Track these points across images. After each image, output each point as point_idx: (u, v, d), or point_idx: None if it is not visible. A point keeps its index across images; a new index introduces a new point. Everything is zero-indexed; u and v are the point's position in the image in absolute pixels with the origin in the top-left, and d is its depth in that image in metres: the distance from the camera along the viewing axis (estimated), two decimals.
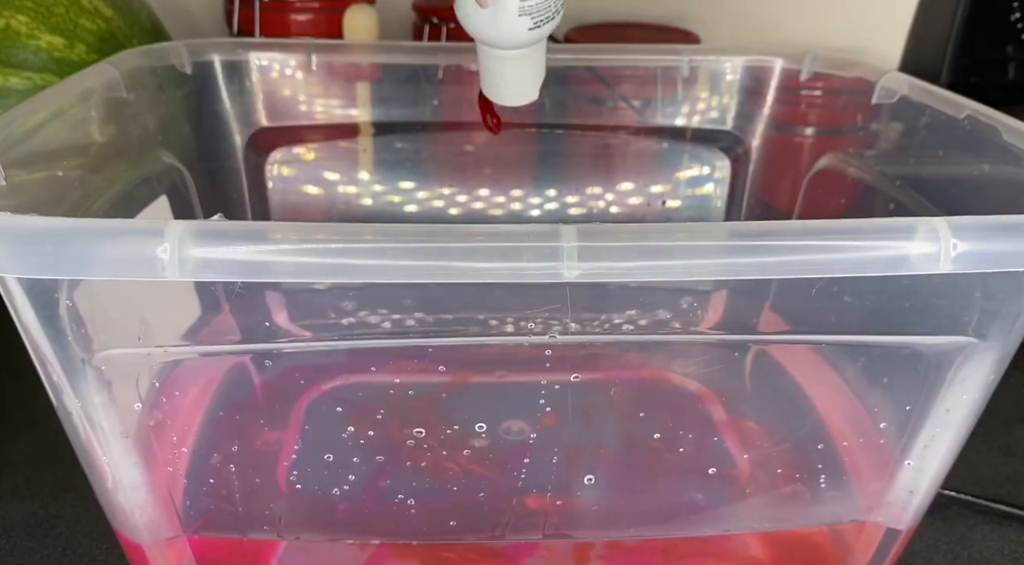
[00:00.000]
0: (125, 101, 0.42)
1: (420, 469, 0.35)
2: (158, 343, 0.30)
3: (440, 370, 0.34)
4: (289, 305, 0.39)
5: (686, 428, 0.37)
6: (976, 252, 0.26)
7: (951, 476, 0.36)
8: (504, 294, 0.29)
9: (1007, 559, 0.44)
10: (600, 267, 0.25)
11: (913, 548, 0.44)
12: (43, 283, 0.27)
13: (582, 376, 0.34)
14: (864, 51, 0.84)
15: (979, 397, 0.33)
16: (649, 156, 0.57)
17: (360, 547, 0.37)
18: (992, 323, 0.31)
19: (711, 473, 0.36)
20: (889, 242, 0.26)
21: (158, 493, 0.33)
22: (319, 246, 0.25)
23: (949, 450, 0.35)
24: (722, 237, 0.26)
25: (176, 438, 0.34)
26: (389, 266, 0.25)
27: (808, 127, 0.54)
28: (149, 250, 0.24)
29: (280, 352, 0.33)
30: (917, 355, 0.32)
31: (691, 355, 0.37)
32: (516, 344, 0.32)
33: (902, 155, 0.46)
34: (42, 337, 0.28)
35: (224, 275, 0.25)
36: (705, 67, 0.54)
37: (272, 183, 0.54)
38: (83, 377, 0.29)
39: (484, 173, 0.56)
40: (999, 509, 0.46)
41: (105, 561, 0.42)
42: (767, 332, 0.35)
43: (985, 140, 0.38)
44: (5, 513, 0.45)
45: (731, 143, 0.56)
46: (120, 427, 0.31)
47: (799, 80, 0.53)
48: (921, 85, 0.44)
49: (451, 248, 0.25)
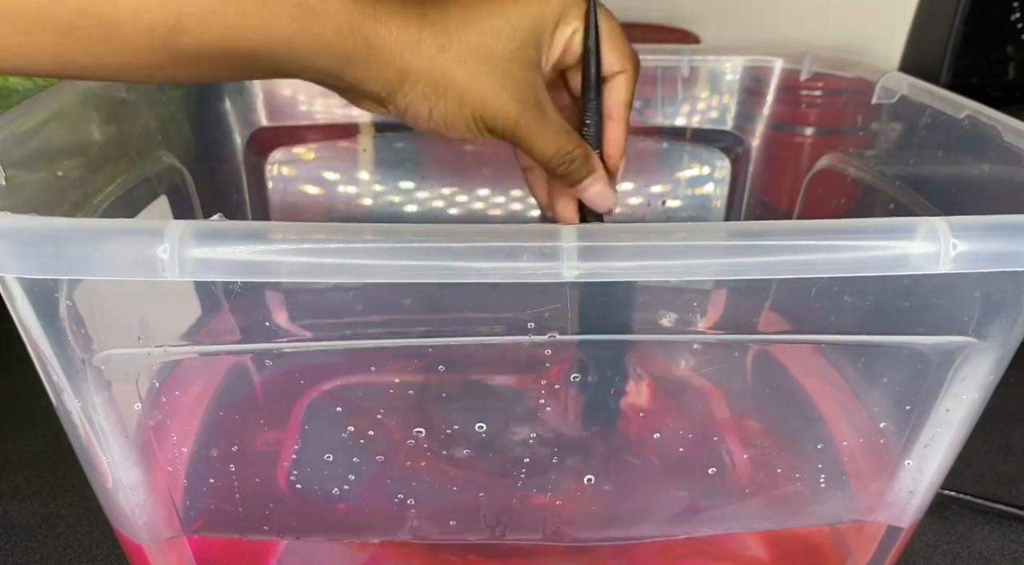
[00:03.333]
0: (125, 101, 0.42)
1: (420, 469, 0.35)
2: (158, 343, 0.30)
3: (440, 370, 0.34)
4: (289, 305, 0.39)
5: (686, 428, 0.37)
6: (976, 252, 0.26)
7: (951, 476, 0.36)
8: (504, 294, 0.29)
9: (1007, 559, 0.44)
10: (600, 267, 0.25)
11: (913, 548, 0.44)
12: (43, 283, 0.27)
13: (582, 376, 0.34)
14: (864, 51, 0.84)
15: (979, 397, 0.33)
16: (649, 156, 0.57)
17: (360, 547, 0.37)
18: (992, 323, 0.31)
19: (711, 473, 0.36)
20: (889, 242, 0.26)
21: (158, 493, 0.33)
22: (319, 246, 0.25)
23: (949, 450, 0.35)
24: (722, 237, 0.26)
25: (176, 438, 0.34)
26: (389, 266, 0.25)
27: (808, 127, 0.54)
28: (149, 250, 0.24)
29: (280, 352, 0.33)
30: (917, 355, 0.32)
31: (691, 355, 0.37)
32: (516, 344, 0.32)
33: (902, 155, 0.46)
34: (42, 337, 0.28)
35: (224, 275, 0.25)
36: (705, 67, 0.54)
37: (272, 183, 0.54)
38: (83, 377, 0.29)
39: (484, 173, 0.56)
40: (999, 509, 0.47)
41: (105, 561, 0.42)
42: (767, 332, 0.35)
43: (985, 140, 0.38)
44: (5, 513, 0.45)
45: (731, 143, 0.56)
46: (120, 427, 0.31)
47: (799, 80, 0.53)
48: (921, 85, 0.44)
49: (451, 248, 0.25)
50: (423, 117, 0.33)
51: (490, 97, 0.33)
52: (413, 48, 0.31)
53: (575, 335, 0.32)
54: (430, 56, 0.32)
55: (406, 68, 0.32)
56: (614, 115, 0.38)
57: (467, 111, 0.33)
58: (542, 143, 0.35)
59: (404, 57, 0.31)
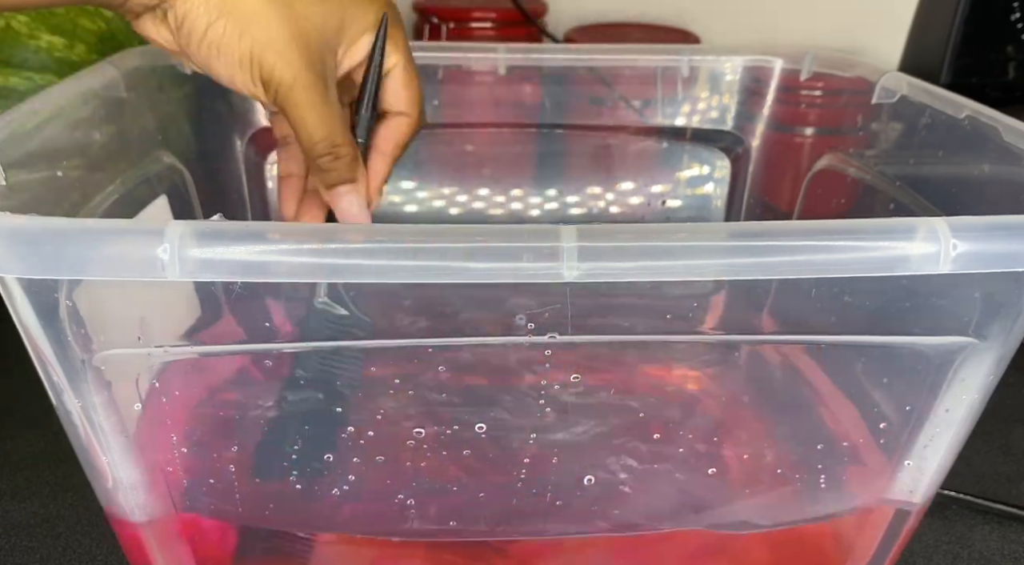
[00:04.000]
0: (125, 101, 0.42)
1: (420, 469, 0.35)
2: (158, 343, 0.30)
3: (440, 370, 0.34)
4: (289, 305, 0.39)
5: (686, 428, 0.37)
6: (976, 252, 0.26)
7: (951, 476, 0.36)
8: (504, 294, 0.29)
9: (1007, 559, 0.44)
10: (600, 267, 0.25)
11: (913, 548, 0.44)
12: (43, 283, 0.27)
13: (582, 376, 0.34)
14: (864, 51, 0.84)
15: (979, 397, 0.33)
16: (649, 156, 0.57)
17: (362, 545, 0.37)
18: (992, 323, 0.31)
19: (711, 472, 0.36)
20: (889, 242, 0.26)
21: (158, 493, 0.33)
22: (319, 246, 0.25)
23: (949, 450, 0.35)
24: (722, 237, 0.26)
25: (176, 438, 0.34)
26: (389, 266, 0.25)
27: (808, 127, 0.54)
28: (149, 250, 0.24)
29: (280, 352, 0.33)
30: (917, 355, 0.32)
31: (691, 355, 0.37)
32: (516, 344, 0.32)
33: (902, 155, 0.46)
34: (42, 337, 0.28)
35: (224, 275, 0.25)
36: (705, 67, 0.54)
37: (272, 183, 0.54)
38: (83, 377, 0.29)
39: (484, 173, 0.56)
40: (999, 509, 0.47)
41: (105, 561, 0.42)
42: (767, 332, 0.35)
43: (985, 140, 0.38)
44: (5, 513, 0.45)
45: (731, 143, 0.56)
46: (120, 427, 0.31)
47: (799, 80, 0.53)
48: (921, 85, 0.44)
49: (451, 248, 0.25)
50: (198, 31, 0.31)
51: (277, 41, 0.30)
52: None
53: (575, 335, 0.32)
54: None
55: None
56: (384, 150, 0.36)
57: (247, 43, 0.31)
58: (314, 120, 0.32)
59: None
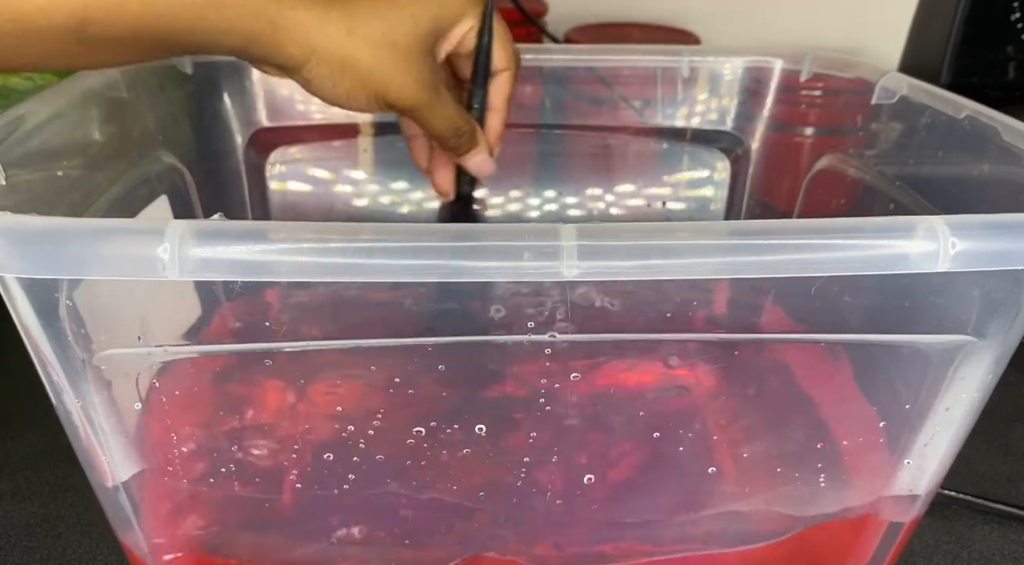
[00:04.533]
0: (125, 101, 0.42)
1: (420, 469, 0.35)
2: (158, 343, 0.30)
3: (440, 370, 0.34)
4: (289, 305, 0.39)
5: (686, 427, 0.37)
6: (975, 251, 0.26)
7: (951, 476, 0.36)
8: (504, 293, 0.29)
9: (1007, 559, 0.44)
10: (600, 266, 0.25)
11: (913, 548, 0.44)
12: (43, 283, 0.27)
13: (582, 376, 0.34)
14: (864, 51, 0.84)
15: (978, 396, 0.33)
16: (649, 157, 0.57)
17: (360, 547, 0.37)
18: (991, 322, 0.31)
19: (711, 472, 0.36)
20: (888, 241, 0.26)
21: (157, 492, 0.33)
22: (319, 246, 0.25)
23: (949, 449, 0.35)
24: (722, 236, 0.26)
25: (176, 438, 0.34)
26: (389, 265, 0.25)
27: (808, 127, 0.54)
28: (149, 250, 0.24)
29: (280, 352, 0.33)
30: (916, 354, 0.32)
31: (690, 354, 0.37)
32: (516, 344, 0.32)
33: (902, 155, 0.46)
34: (42, 337, 0.28)
35: (224, 275, 0.25)
36: (705, 67, 0.54)
37: (272, 183, 0.54)
38: (83, 377, 0.29)
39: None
40: (999, 509, 0.47)
41: (105, 561, 0.42)
42: (767, 331, 0.35)
43: (985, 140, 0.38)
44: (5, 513, 0.45)
45: (731, 144, 0.56)
46: (120, 427, 0.31)
47: (799, 81, 0.53)
48: (921, 85, 0.44)
49: (451, 248, 0.25)
50: (327, 89, 0.36)
51: (394, 80, 0.37)
52: (320, 30, 0.34)
53: (575, 335, 0.32)
54: (337, 38, 0.35)
55: (313, 46, 0.34)
56: (497, 106, 0.44)
57: (370, 89, 0.37)
58: (438, 121, 0.40)
59: (312, 37, 0.34)
